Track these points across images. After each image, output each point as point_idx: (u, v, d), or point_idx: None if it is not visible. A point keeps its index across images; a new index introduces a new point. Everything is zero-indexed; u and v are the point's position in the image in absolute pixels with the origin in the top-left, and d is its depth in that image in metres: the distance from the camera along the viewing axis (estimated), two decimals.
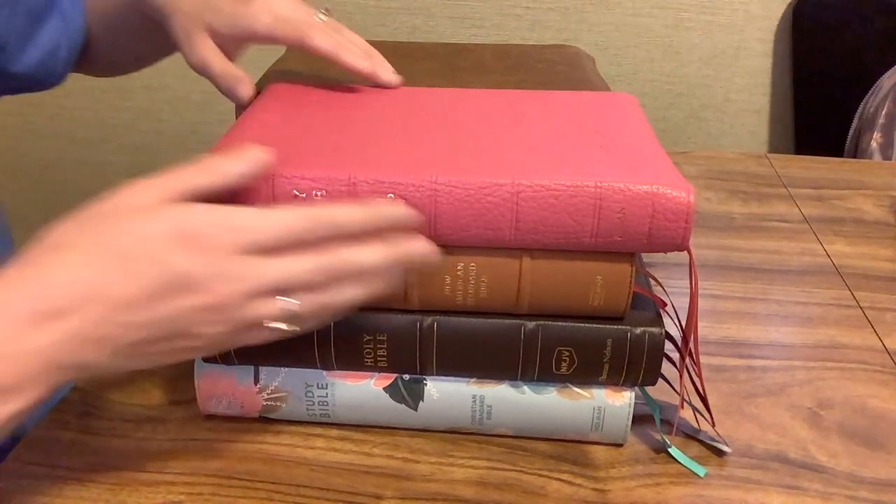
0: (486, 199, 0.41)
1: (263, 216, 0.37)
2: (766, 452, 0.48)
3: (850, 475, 0.47)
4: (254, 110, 0.51)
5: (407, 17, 1.38)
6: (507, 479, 0.46)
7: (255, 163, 0.40)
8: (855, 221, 0.77)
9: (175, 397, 0.51)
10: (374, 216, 0.39)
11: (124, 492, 0.44)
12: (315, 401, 0.48)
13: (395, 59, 0.56)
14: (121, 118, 1.52)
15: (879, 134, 1.15)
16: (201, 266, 0.36)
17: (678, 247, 0.42)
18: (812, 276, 0.67)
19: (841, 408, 0.52)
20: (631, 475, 0.46)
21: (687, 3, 1.32)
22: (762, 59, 1.36)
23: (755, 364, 0.56)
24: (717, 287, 0.65)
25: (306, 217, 0.38)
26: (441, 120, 0.49)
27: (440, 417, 0.47)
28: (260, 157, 0.40)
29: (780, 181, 0.85)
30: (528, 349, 0.45)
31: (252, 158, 0.40)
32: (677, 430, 0.49)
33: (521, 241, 0.42)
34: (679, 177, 0.42)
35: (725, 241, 0.73)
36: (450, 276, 0.43)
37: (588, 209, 0.41)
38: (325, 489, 0.45)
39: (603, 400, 0.46)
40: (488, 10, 1.36)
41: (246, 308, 0.37)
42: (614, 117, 0.50)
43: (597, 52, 1.35)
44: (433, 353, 0.45)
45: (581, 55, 0.67)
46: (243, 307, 0.37)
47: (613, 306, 0.44)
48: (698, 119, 1.42)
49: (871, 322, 0.61)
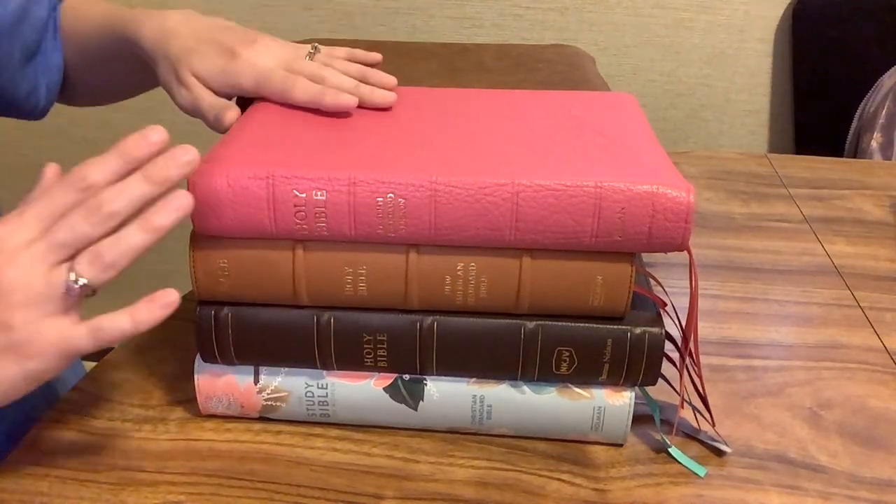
0: (486, 199, 0.41)
1: (28, 197, 0.41)
2: (766, 452, 0.48)
3: (849, 475, 0.47)
4: (254, 111, 0.51)
5: (407, 17, 1.38)
6: (507, 479, 0.46)
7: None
8: (855, 221, 0.77)
9: (175, 397, 0.51)
10: (118, 149, 0.41)
11: (124, 492, 0.44)
12: (315, 401, 0.48)
13: (395, 58, 0.56)
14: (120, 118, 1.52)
15: (879, 134, 1.15)
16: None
17: (678, 247, 0.42)
18: (812, 276, 0.67)
19: (841, 408, 0.52)
20: (631, 475, 0.46)
21: (687, 3, 1.32)
22: (762, 59, 1.36)
23: (755, 364, 0.56)
24: (717, 287, 0.65)
25: (61, 181, 0.40)
26: (441, 120, 0.49)
27: (440, 417, 0.47)
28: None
29: (780, 181, 0.85)
30: (528, 349, 0.45)
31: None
32: (677, 430, 0.49)
33: (521, 241, 0.42)
34: (679, 177, 0.42)
35: (725, 241, 0.73)
36: (450, 276, 0.43)
37: (588, 209, 0.41)
38: (325, 489, 0.45)
39: (603, 400, 0.46)
40: (488, 10, 1.36)
41: (36, 281, 0.38)
42: (614, 117, 0.50)
43: (597, 52, 1.35)
44: (433, 353, 0.45)
45: (581, 55, 0.67)
46: (34, 280, 0.38)
47: (613, 306, 0.44)
48: (698, 119, 1.42)
49: (871, 322, 0.61)
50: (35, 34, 0.60)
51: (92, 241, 0.39)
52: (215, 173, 0.42)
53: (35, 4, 0.59)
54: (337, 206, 0.41)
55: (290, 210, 0.42)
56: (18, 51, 0.58)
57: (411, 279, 0.43)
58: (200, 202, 0.42)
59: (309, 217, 0.42)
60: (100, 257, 0.39)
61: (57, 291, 0.39)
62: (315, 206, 0.41)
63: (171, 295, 0.41)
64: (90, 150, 1.67)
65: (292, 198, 0.41)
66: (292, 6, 1.39)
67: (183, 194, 0.40)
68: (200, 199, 0.41)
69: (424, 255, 0.43)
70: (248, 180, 0.41)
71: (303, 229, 0.42)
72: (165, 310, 0.40)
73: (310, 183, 0.41)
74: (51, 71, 0.62)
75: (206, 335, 0.46)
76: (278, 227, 0.42)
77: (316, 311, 0.45)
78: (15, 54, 0.58)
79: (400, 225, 0.42)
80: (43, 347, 0.39)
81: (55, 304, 0.39)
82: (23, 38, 0.58)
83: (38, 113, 0.64)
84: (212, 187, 0.41)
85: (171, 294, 0.41)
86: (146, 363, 0.55)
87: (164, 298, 0.40)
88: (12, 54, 0.58)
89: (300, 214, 0.42)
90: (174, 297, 0.41)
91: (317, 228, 0.42)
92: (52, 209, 0.39)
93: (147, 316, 0.40)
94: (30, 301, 0.38)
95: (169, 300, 0.40)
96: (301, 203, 0.41)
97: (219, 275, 0.44)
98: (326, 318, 0.45)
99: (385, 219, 0.41)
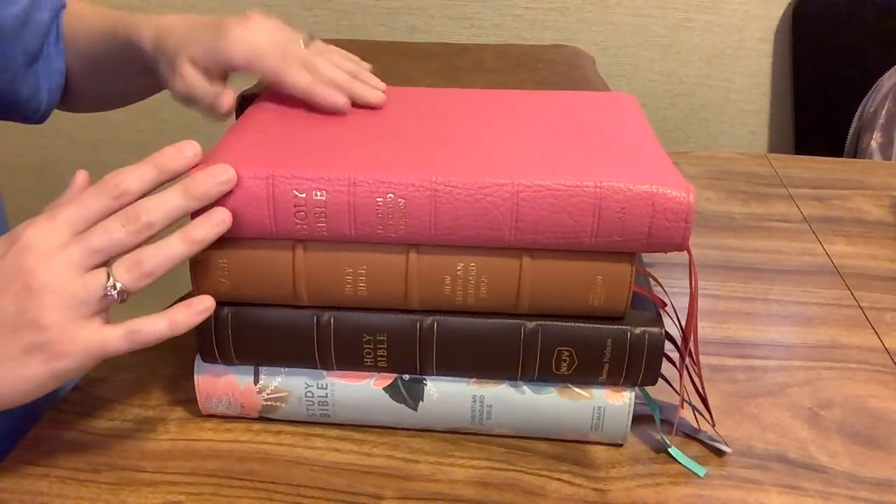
0: (486, 199, 0.41)
1: (56, 202, 0.42)
2: (766, 452, 0.48)
3: (850, 475, 0.47)
4: (253, 111, 0.51)
5: (407, 17, 1.38)
6: (507, 479, 0.46)
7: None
8: (855, 221, 0.77)
9: (175, 397, 0.51)
10: (154, 160, 0.42)
11: (124, 492, 0.44)
12: (315, 401, 0.48)
13: (395, 58, 0.56)
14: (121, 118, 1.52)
15: (879, 134, 1.15)
16: (18, 256, 0.39)
17: (678, 247, 0.42)
18: (812, 276, 0.67)
19: (841, 408, 0.52)
20: (631, 475, 0.46)
21: (687, 3, 1.32)
22: (762, 59, 1.36)
23: (755, 364, 0.56)
24: (717, 287, 0.65)
25: (95, 188, 0.41)
26: (441, 120, 0.49)
27: (440, 417, 0.47)
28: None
29: (780, 181, 0.85)
30: (528, 349, 0.45)
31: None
32: (677, 430, 0.49)
33: (521, 241, 0.42)
34: (679, 177, 0.42)
35: (725, 241, 0.73)
36: (450, 276, 0.43)
37: (588, 209, 0.41)
38: (325, 489, 0.45)
39: (603, 400, 0.46)
40: (488, 10, 1.36)
41: (72, 284, 0.39)
42: (614, 117, 0.50)
43: (597, 52, 1.35)
44: (433, 353, 0.45)
45: (581, 55, 0.67)
46: (69, 283, 0.39)
47: (613, 306, 0.44)
48: (698, 119, 1.42)
49: (871, 322, 0.61)
50: (37, 39, 0.60)
51: (125, 249, 0.40)
52: None
53: (38, 9, 0.59)
54: (337, 207, 0.41)
55: (290, 210, 0.42)
56: (21, 54, 0.59)
57: (411, 279, 0.43)
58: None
59: (309, 217, 0.42)
60: (139, 264, 0.40)
61: (94, 296, 0.39)
62: (315, 206, 0.41)
63: (207, 301, 0.42)
64: (90, 150, 1.68)
65: (292, 198, 0.41)
66: (292, 6, 1.39)
67: (223, 210, 0.41)
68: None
69: (424, 255, 0.43)
70: (248, 180, 0.41)
71: (303, 229, 0.42)
72: (202, 315, 0.42)
73: (310, 183, 0.41)
74: (53, 75, 0.62)
75: (206, 335, 0.46)
76: (278, 227, 0.42)
77: (316, 311, 0.45)
78: (18, 57, 0.58)
79: (400, 225, 0.42)
80: (74, 349, 0.40)
81: (89, 307, 0.40)
82: (25, 42, 0.59)
83: (40, 117, 0.64)
84: None
85: (207, 300, 0.42)
86: (146, 363, 0.55)
87: (201, 305, 0.42)
88: (15, 57, 0.58)
89: (300, 214, 0.42)
90: (210, 303, 0.42)
91: (317, 228, 0.42)
92: (86, 214, 0.40)
93: (185, 320, 0.41)
94: (63, 303, 0.39)
95: (206, 306, 0.42)
96: (301, 203, 0.41)
97: (219, 275, 0.44)
98: (326, 318, 0.45)
99: (385, 219, 0.41)
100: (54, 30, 0.62)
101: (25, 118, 0.63)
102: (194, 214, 0.42)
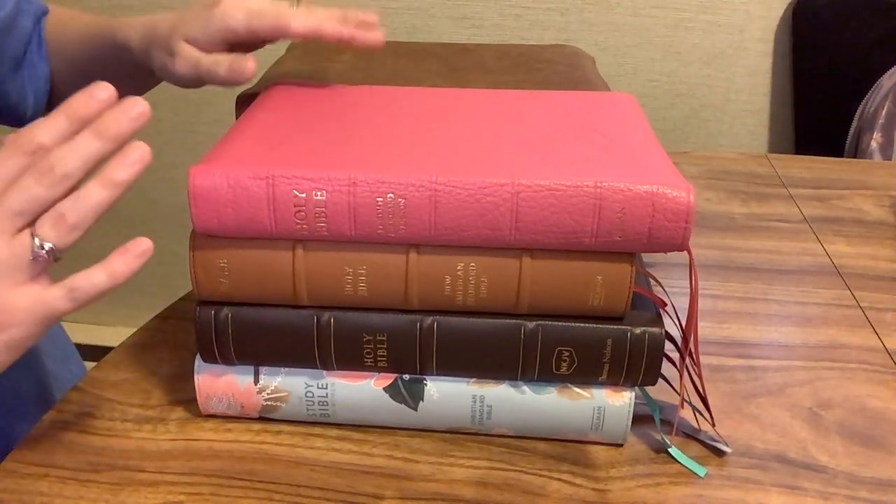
0: (486, 199, 0.41)
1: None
2: (766, 452, 0.48)
3: (849, 475, 0.47)
4: (254, 111, 0.51)
5: (407, 17, 1.38)
6: (507, 479, 0.46)
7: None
8: (855, 221, 0.77)
9: (175, 397, 0.51)
10: (64, 108, 0.39)
11: (124, 492, 0.44)
12: (315, 401, 0.48)
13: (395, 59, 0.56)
14: None
15: (879, 134, 1.15)
16: None
17: (678, 247, 0.42)
18: (812, 276, 0.67)
19: (841, 408, 0.52)
20: (631, 475, 0.46)
21: (687, 3, 1.32)
22: (762, 59, 1.36)
23: (755, 364, 0.56)
24: (717, 287, 0.65)
25: (8, 146, 0.39)
26: (441, 120, 0.49)
27: (440, 417, 0.47)
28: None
29: (780, 181, 0.85)
30: (528, 349, 0.45)
31: None
32: (677, 430, 0.49)
33: (521, 241, 0.42)
34: (679, 177, 0.42)
35: (725, 241, 0.73)
36: (450, 276, 0.43)
37: (588, 209, 0.41)
38: (325, 489, 0.45)
39: (603, 400, 0.46)
40: (488, 10, 1.36)
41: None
42: (614, 117, 0.50)
43: (597, 52, 1.35)
44: (433, 353, 0.45)
45: (581, 55, 0.67)
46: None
47: (613, 306, 0.44)
48: (698, 119, 1.42)
49: (871, 322, 0.61)
50: (21, 45, 0.60)
51: (48, 204, 0.38)
52: (215, 173, 0.42)
53: (21, 15, 0.59)
54: (337, 206, 0.41)
55: (290, 210, 0.42)
56: (8, 59, 0.59)
57: (411, 279, 0.43)
58: (201, 202, 0.42)
59: (309, 217, 0.42)
60: (62, 219, 0.38)
61: (23, 259, 0.38)
62: (315, 206, 0.41)
63: (144, 243, 0.40)
64: None
65: (292, 198, 0.41)
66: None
67: (140, 145, 0.39)
68: (201, 198, 0.41)
69: (424, 255, 0.43)
70: (248, 180, 0.41)
71: (303, 229, 0.42)
72: (141, 258, 0.40)
73: (310, 183, 0.41)
74: (38, 80, 0.62)
75: (206, 335, 0.46)
76: (278, 227, 0.42)
77: (316, 311, 0.45)
78: (5, 63, 0.58)
79: (400, 225, 0.42)
80: (18, 317, 0.38)
81: (23, 272, 0.38)
82: (10, 48, 0.59)
83: (27, 121, 0.64)
84: (212, 187, 0.41)
85: (144, 242, 0.40)
86: (146, 363, 0.55)
87: (137, 248, 0.40)
88: (2, 62, 0.58)
89: (300, 214, 0.42)
90: (147, 245, 0.40)
91: (317, 228, 0.42)
92: (2, 176, 0.38)
93: (124, 267, 0.39)
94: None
95: (143, 248, 0.40)
96: (301, 203, 0.41)
97: (219, 275, 0.44)
98: (326, 318, 0.45)
99: (385, 219, 0.42)
100: (36, 36, 0.62)
101: (13, 122, 0.63)
102: None
